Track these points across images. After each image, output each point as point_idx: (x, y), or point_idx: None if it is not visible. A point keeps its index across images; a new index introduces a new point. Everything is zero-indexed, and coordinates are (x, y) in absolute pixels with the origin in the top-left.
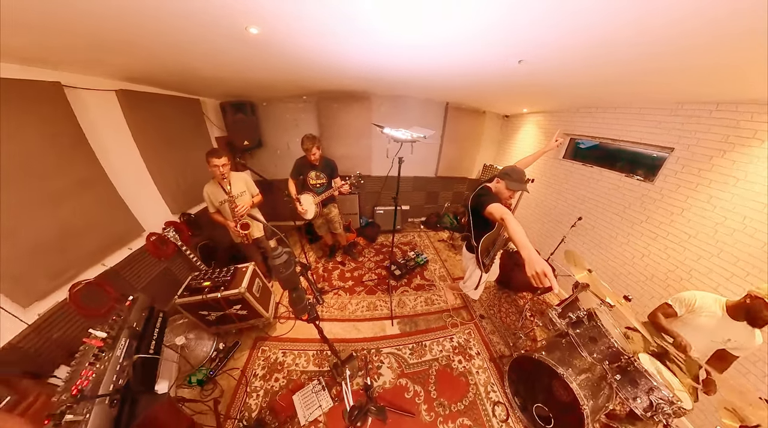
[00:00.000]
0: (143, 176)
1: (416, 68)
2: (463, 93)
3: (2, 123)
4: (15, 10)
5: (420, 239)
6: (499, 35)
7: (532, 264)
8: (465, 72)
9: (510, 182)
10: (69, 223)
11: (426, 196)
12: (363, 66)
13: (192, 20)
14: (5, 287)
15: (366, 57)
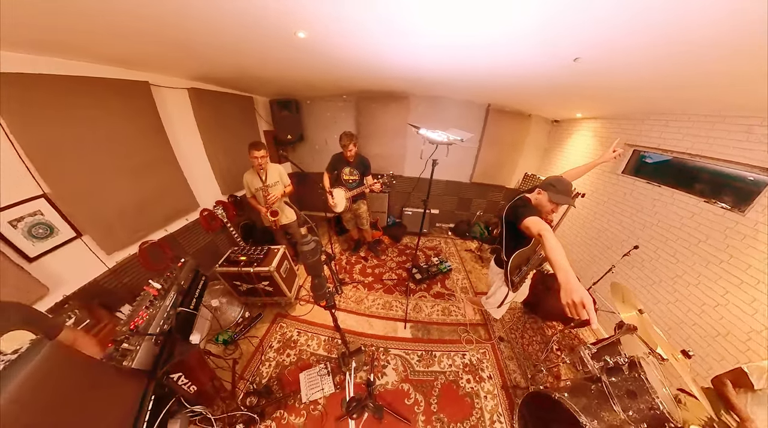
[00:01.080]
0: (203, 160)
1: (458, 69)
2: (507, 94)
3: (106, 112)
4: (123, 25)
5: (446, 246)
6: (554, 31)
7: (569, 291)
8: (512, 72)
9: (554, 194)
10: (145, 193)
11: (458, 202)
12: (403, 67)
13: (251, 29)
14: (97, 236)
15: (406, 58)
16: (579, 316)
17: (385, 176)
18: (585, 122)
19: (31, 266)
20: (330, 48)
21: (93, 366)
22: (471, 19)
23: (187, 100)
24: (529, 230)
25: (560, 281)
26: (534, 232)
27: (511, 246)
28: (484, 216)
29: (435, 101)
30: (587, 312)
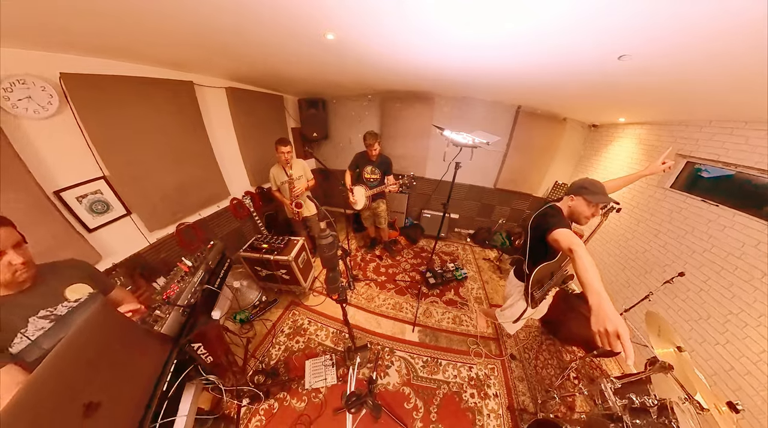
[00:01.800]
0: (235, 153)
1: (486, 68)
2: (540, 96)
3: (156, 108)
4: (174, 32)
5: (463, 253)
6: (595, 26)
7: (602, 317)
8: (547, 72)
9: (591, 195)
10: (185, 180)
11: (479, 208)
12: (429, 67)
13: (283, 33)
14: (143, 215)
15: (433, 58)
16: (612, 348)
17: (405, 176)
18: (628, 127)
19: (90, 235)
20: (357, 49)
21: (130, 325)
22: (502, 16)
23: (224, 98)
24: (557, 244)
25: (592, 305)
26: (564, 246)
27: (534, 258)
28: (506, 225)
29: (461, 102)
30: (622, 344)
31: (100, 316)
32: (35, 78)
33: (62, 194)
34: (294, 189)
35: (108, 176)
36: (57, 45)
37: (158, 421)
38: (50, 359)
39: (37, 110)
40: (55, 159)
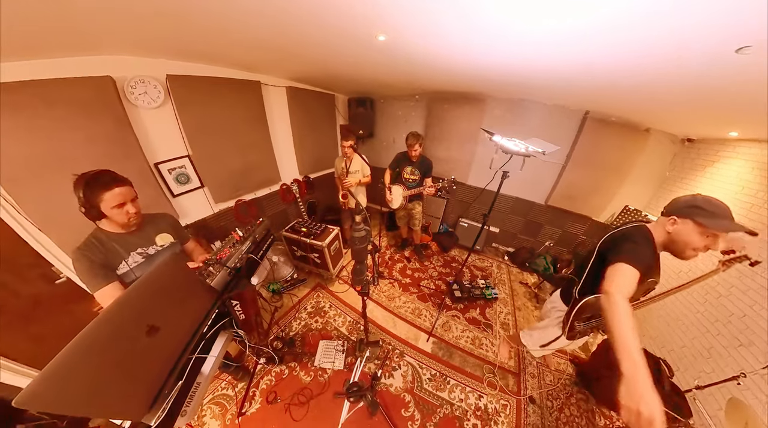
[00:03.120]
0: (289, 144)
1: (551, 66)
2: (616, 100)
3: (229, 103)
4: (248, 38)
5: (498, 271)
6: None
7: (635, 395)
8: (626, 69)
9: (708, 217)
10: (247, 164)
11: (524, 225)
12: (482, 66)
13: (338, 35)
14: (212, 189)
15: (486, 56)
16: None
17: (445, 180)
18: (742, 145)
19: (174, 200)
20: (408, 49)
21: (190, 273)
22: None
23: (284, 96)
24: (606, 278)
25: (625, 374)
26: (604, 284)
27: (591, 284)
28: (554, 249)
29: (516, 105)
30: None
31: (172, 262)
32: (150, 78)
33: (159, 166)
34: (344, 181)
35: (191, 155)
36: (167, 53)
37: (195, 354)
38: (134, 286)
39: (149, 102)
40: (157, 139)
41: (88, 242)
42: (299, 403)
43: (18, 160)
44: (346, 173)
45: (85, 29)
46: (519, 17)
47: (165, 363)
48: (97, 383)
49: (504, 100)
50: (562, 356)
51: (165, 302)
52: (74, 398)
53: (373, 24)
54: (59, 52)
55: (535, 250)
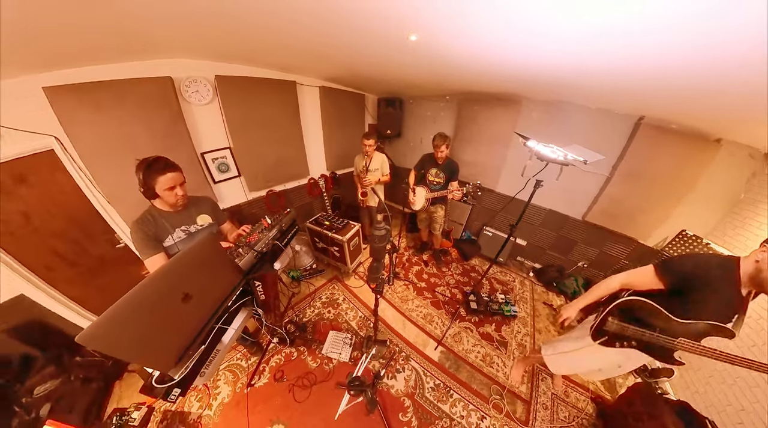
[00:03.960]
0: (319, 141)
1: (600, 65)
2: (679, 104)
3: (266, 102)
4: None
5: (520, 288)
6: None
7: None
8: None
9: None
10: (279, 158)
11: (555, 240)
12: (519, 66)
13: (370, 36)
14: (247, 178)
15: (524, 56)
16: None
17: (470, 185)
18: None
19: (214, 186)
20: (440, 50)
21: (222, 252)
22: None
23: (317, 96)
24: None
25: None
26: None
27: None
28: (587, 271)
29: (556, 108)
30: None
31: (208, 241)
32: (201, 78)
33: (205, 155)
34: (364, 179)
35: (232, 147)
36: (216, 56)
37: (219, 324)
38: (175, 258)
39: (200, 99)
40: (204, 132)
41: (143, 216)
42: (303, 386)
43: (96, 144)
44: (365, 172)
45: (153, 37)
46: (560, 14)
47: (193, 328)
48: (138, 335)
49: (541, 103)
50: (583, 391)
51: (199, 274)
52: (119, 343)
53: (404, 25)
54: (132, 57)
55: (565, 270)
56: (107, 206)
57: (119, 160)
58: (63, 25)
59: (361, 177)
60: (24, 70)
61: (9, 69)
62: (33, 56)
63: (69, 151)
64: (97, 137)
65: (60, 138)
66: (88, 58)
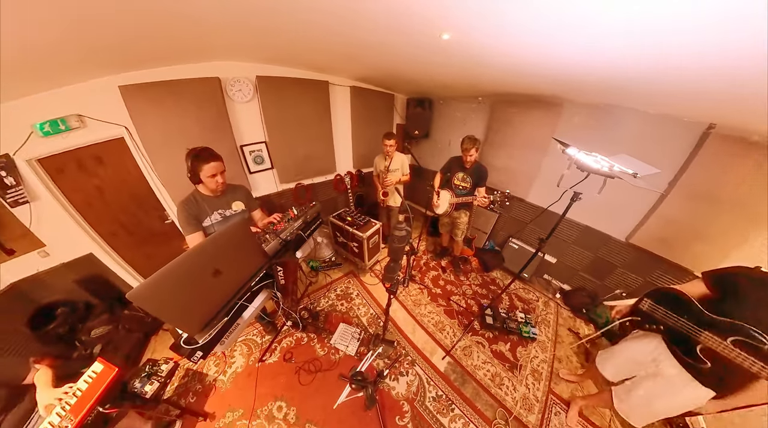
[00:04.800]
0: (347, 139)
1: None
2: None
3: (299, 100)
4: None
5: (544, 309)
6: None
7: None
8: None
9: None
10: (309, 153)
11: (591, 262)
12: (561, 65)
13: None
14: (279, 171)
15: (569, 54)
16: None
17: (498, 192)
18: None
19: (249, 176)
20: (473, 49)
21: (252, 236)
22: None
23: (347, 95)
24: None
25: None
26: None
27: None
28: (625, 301)
29: (603, 112)
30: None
31: (240, 225)
32: (244, 78)
33: (243, 147)
34: (385, 179)
35: (267, 141)
36: (258, 58)
37: (241, 300)
38: (211, 237)
39: (242, 97)
40: (244, 127)
41: (188, 198)
42: (308, 371)
43: (156, 134)
44: (386, 172)
45: (206, 43)
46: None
47: (219, 300)
48: (174, 299)
49: (586, 106)
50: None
51: (229, 254)
52: (159, 304)
53: (435, 23)
54: (187, 60)
55: (598, 296)
56: (161, 187)
57: (173, 149)
58: (139, 37)
59: (382, 177)
60: (107, 71)
61: (98, 70)
62: (116, 60)
63: (135, 139)
64: (157, 128)
65: (129, 128)
66: (154, 62)
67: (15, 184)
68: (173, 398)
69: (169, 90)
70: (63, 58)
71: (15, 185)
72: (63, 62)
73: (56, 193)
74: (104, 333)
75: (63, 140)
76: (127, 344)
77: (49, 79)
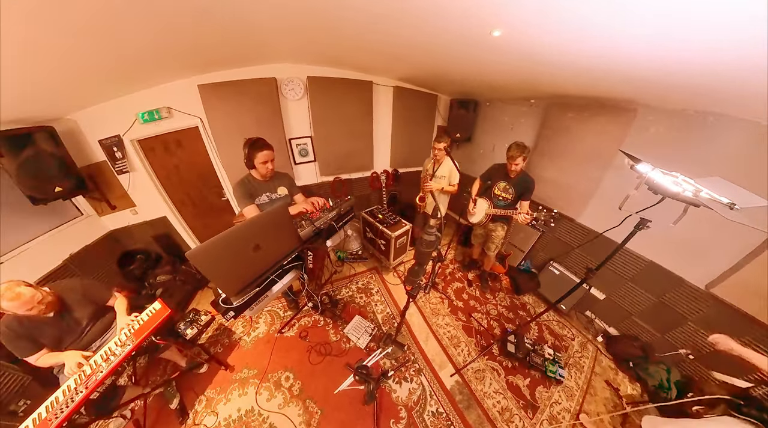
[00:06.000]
0: (387, 138)
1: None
2: None
3: (345, 99)
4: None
5: (579, 350)
6: None
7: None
8: None
9: None
10: (349, 150)
11: (652, 307)
12: (643, 62)
13: (449, 31)
14: (321, 164)
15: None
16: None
17: (545, 210)
18: None
19: (294, 166)
20: (527, 46)
21: (290, 221)
22: None
23: (390, 95)
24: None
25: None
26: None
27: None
28: (691, 364)
29: (692, 121)
30: None
31: (282, 209)
32: (296, 78)
33: (291, 140)
34: (426, 184)
35: (312, 136)
36: (309, 60)
37: (273, 275)
38: (256, 216)
39: (294, 95)
40: (293, 122)
41: (242, 180)
42: (319, 352)
43: (221, 125)
44: (430, 177)
45: (267, 48)
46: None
47: (255, 272)
48: (220, 264)
49: (669, 113)
50: None
51: (269, 233)
52: (208, 265)
53: (486, 20)
54: (250, 63)
55: (654, 351)
56: (222, 169)
57: (234, 137)
58: (216, 45)
59: (424, 181)
60: (190, 73)
61: (183, 73)
62: (198, 64)
63: (206, 128)
64: (224, 120)
65: (203, 119)
66: (226, 65)
67: (121, 157)
68: (205, 344)
69: (235, 89)
70: (160, 63)
71: (121, 159)
72: (161, 66)
73: (147, 167)
74: (165, 281)
75: (156, 126)
76: (179, 293)
77: (149, 80)
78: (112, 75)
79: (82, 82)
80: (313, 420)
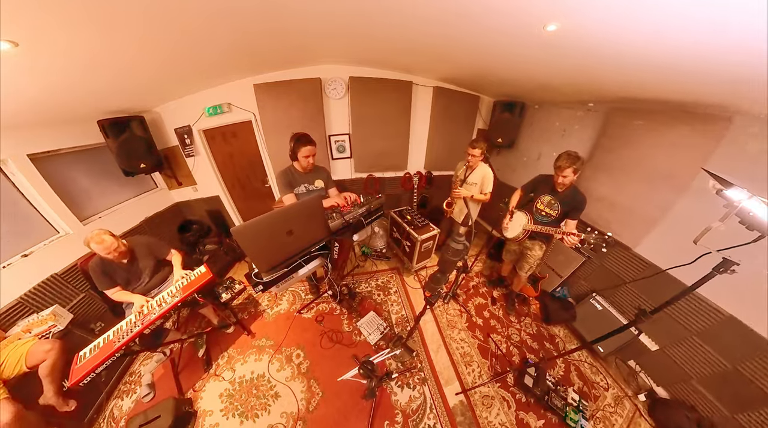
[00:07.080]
0: (423, 139)
1: None
2: None
3: (384, 99)
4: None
5: (612, 405)
6: None
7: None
8: None
9: None
10: (385, 149)
11: (721, 376)
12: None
13: (498, 26)
14: (356, 161)
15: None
16: None
17: (596, 233)
18: None
19: (332, 161)
20: (589, 42)
21: (323, 212)
22: None
23: (429, 96)
24: None
25: None
26: None
27: None
28: None
29: None
30: None
31: (316, 200)
32: (339, 79)
33: (331, 137)
34: (455, 189)
35: (350, 134)
36: (352, 61)
37: (300, 259)
38: (293, 205)
39: (336, 95)
40: (334, 120)
41: (285, 170)
42: (331, 338)
43: (270, 121)
44: (461, 182)
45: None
46: None
47: (285, 254)
48: (256, 242)
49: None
50: None
51: (303, 221)
52: (247, 242)
53: (541, 10)
54: (297, 65)
55: (714, 424)
56: (268, 159)
57: (281, 132)
58: (271, 50)
59: (453, 186)
60: (248, 74)
61: (242, 73)
62: (255, 65)
63: (258, 122)
64: (272, 115)
65: (255, 114)
66: (277, 66)
67: (189, 143)
68: (235, 309)
69: (285, 88)
70: (232, 64)
71: (189, 144)
72: (232, 66)
73: (209, 153)
74: (212, 250)
75: (218, 119)
76: (221, 261)
77: (219, 79)
78: (195, 74)
79: (170, 81)
80: (313, 399)
